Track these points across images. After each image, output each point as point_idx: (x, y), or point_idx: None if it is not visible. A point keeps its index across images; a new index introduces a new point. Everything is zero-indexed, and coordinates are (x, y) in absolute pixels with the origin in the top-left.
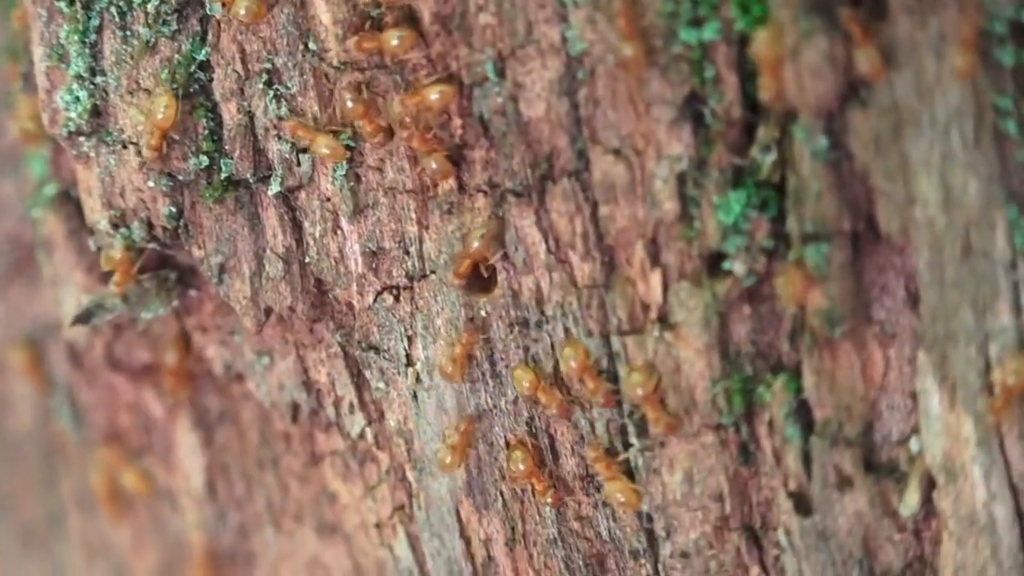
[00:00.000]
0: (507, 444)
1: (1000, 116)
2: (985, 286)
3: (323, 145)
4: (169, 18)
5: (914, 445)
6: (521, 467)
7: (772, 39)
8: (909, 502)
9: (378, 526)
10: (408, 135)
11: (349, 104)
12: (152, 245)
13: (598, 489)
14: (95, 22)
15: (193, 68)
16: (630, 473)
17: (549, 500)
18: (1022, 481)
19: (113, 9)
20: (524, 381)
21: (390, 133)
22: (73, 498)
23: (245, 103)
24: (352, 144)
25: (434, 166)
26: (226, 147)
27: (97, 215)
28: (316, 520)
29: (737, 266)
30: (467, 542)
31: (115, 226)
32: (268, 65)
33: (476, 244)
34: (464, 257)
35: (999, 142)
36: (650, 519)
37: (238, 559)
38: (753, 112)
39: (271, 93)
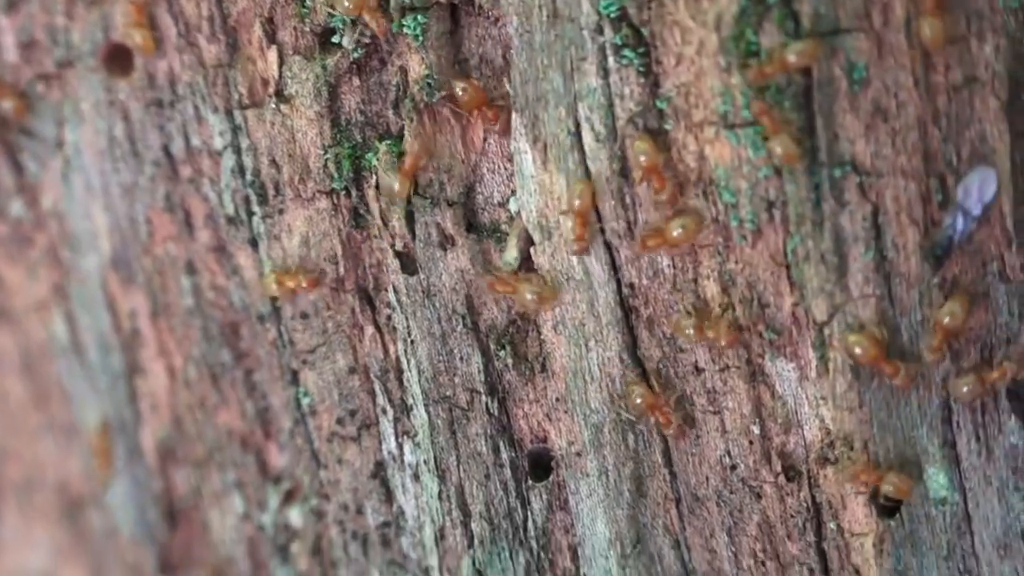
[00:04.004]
0: None
1: None
2: (572, 49)
3: None
4: None
5: (513, 205)
6: None
7: None
8: (508, 259)
9: (39, 307)
10: None
11: None
12: None
13: (229, 259)
14: None
15: None
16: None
17: None
18: (615, 237)
19: None
20: None
21: None
22: None
23: None
24: None
25: None
26: None
27: None
28: None
29: (345, 40)
30: (115, 315)
31: None
32: None
33: None
34: None
35: None
36: None
37: None
38: None
39: None
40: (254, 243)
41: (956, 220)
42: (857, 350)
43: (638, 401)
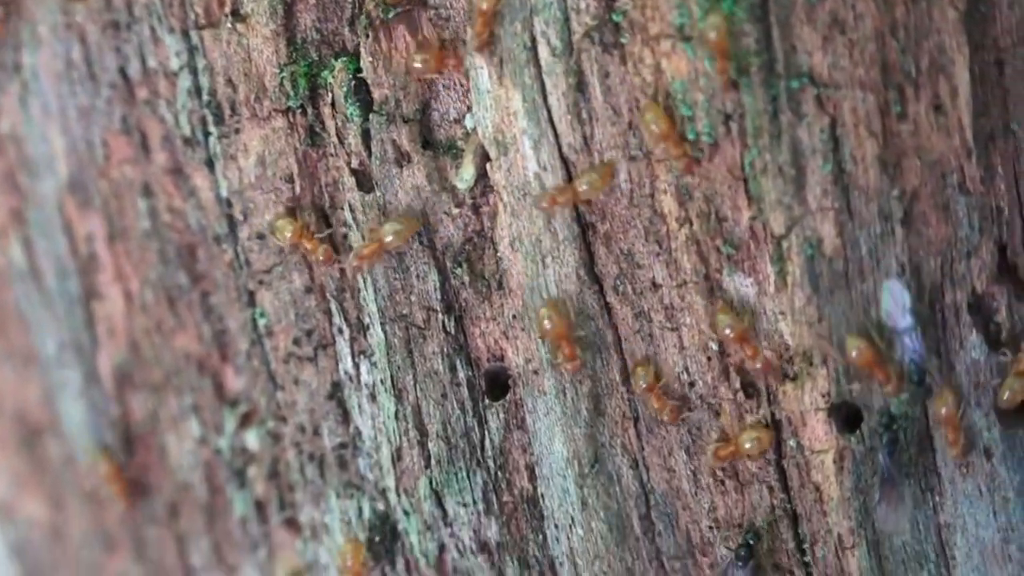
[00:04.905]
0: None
1: None
2: None
3: None
4: None
5: (469, 122)
6: None
7: None
8: (464, 176)
9: None
10: None
11: None
12: None
13: (186, 181)
14: None
15: None
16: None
17: None
18: (572, 152)
19: None
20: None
21: None
22: None
23: None
24: None
25: None
26: None
27: None
28: None
29: None
30: (72, 239)
31: None
32: None
33: None
34: None
35: None
36: (229, 204)
37: None
38: None
39: None
40: (210, 164)
41: (904, 343)
42: (854, 353)
43: (642, 384)
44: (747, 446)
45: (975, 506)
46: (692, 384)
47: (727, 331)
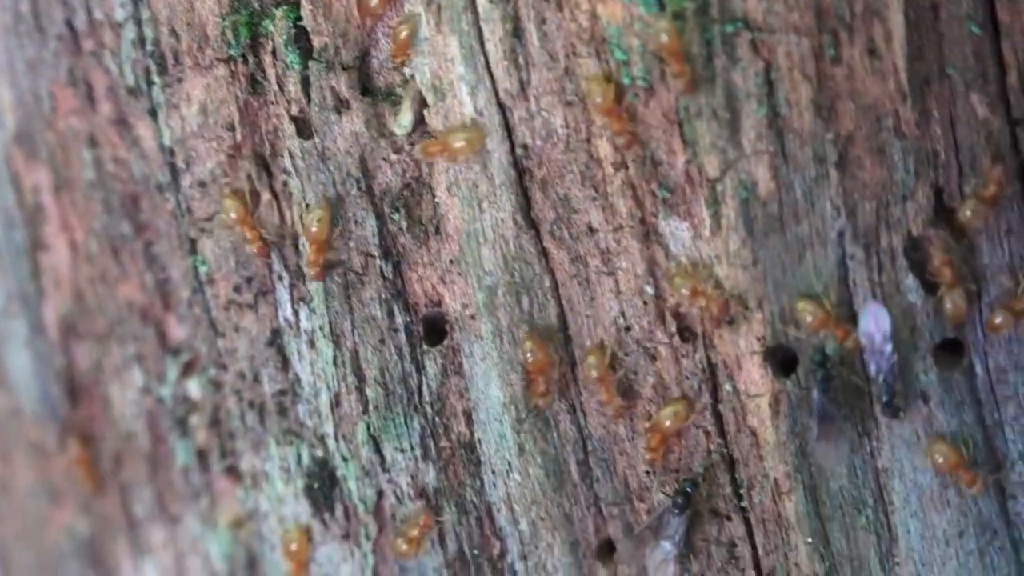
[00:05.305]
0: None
1: None
2: None
3: None
4: None
5: (407, 69)
6: None
7: None
8: (402, 122)
9: None
10: None
11: None
12: None
13: (130, 131)
14: None
15: None
16: None
17: None
18: (508, 98)
19: None
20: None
21: None
22: None
23: None
24: None
25: None
26: None
27: None
28: None
29: None
30: (19, 191)
31: None
32: None
33: None
34: None
35: None
36: (172, 153)
37: None
38: None
39: None
40: (153, 113)
41: (879, 365)
42: (808, 318)
43: (593, 373)
44: (667, 424)
45: (913, 451)
46: (628, 328)
47: (684, 291)
